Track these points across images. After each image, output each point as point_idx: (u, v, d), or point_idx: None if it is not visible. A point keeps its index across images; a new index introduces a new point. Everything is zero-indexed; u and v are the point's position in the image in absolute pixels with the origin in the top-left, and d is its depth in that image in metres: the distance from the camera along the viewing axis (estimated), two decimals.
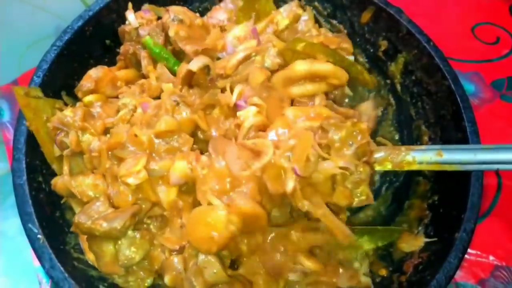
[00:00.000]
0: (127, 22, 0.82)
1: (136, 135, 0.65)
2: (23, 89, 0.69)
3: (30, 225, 0.64)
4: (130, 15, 0.81)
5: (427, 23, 0.85)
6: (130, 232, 0.64)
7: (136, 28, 0.81)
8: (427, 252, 0.71)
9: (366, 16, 0.87)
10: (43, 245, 0.63)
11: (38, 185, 0.68)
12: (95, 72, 0.76)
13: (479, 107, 1.05)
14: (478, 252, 0.89)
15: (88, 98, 0.74)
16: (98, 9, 0.81)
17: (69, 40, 0.77)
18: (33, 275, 0.83)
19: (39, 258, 0.62)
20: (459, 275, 0.86)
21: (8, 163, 0.98)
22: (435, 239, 0.71)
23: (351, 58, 0.81)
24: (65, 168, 0.69)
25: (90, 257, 0.67)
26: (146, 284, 0.68)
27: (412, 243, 0.72)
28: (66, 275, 0.61)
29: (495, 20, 1.16)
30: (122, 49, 0.83)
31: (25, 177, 0.66)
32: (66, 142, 0.68)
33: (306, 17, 0.86)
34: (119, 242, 0.64)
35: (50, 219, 0.67)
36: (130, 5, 0.82)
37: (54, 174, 0.72)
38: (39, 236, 0.63)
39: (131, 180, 0.63)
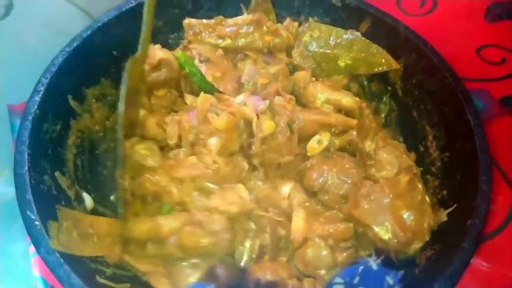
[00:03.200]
0: None
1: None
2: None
3: (28, 212, 0.62)
4: None
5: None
6: None
7: None
8: (440, 243, 0.67)
9: (364, 27, 0.90)
10: (40, 231, 0.61)
11: (38, 177, 0.67)
12: None
13: (489, 123, 1.03)
14: (493, 265, 0.84)
15: None
16: (106, 21, 0.85)
17: (77, 47, 0.80)
18: None
19: (36, 243, 0.60)
20: None
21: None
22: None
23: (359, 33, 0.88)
24: None
25: None
26: None
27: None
28: (62, 260, 0.59)
29: (499, 43, 1.18)
30: None
31: (26, 167, 0.66)
32: None
33: None
34: None
35: (49, 209, 0.66)
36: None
37: (54, 170, 0.72)
38: (36, 222, 0.61)
39: None
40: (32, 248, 0.83)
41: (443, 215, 0.70)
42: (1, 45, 1.07)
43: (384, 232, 0.67)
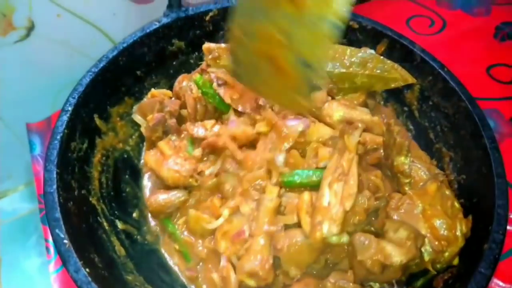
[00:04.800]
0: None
1: None
2: None
3: (57, 231, 0.65)
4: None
5: None
6: None
7: None
8: (456, 266, 0.69)
9: (380, 49, 0.92)
10: (69, 249, 0.63)
11: (66, 195, 0.70)
12: None
13: (500, 142, 1.03)
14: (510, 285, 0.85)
15: None
16: (131, 42, 0.87)
17: (104, 67, 0.83)
18: None
19: (64, 262, 0.63)
20: None
21: (32, 204, 1.00)
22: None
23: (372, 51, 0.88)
24: None
25: None
26: None
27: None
28: (90, 279, 0.61)
29: (509, 62, 1.19)
30: None
31: (55, 186, 0.69)
32: None
33: None
34: None
35: (76, 227, 0.68)
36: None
37: (82, 188, 0.74)
38: (65, 241, 0.64)
39: None
40: (52, 266, 0.86)
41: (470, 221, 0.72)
42: (21, 65, 1.10)
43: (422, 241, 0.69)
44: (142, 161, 0.91)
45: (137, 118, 0.88)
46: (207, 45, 0.87)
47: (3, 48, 1.05)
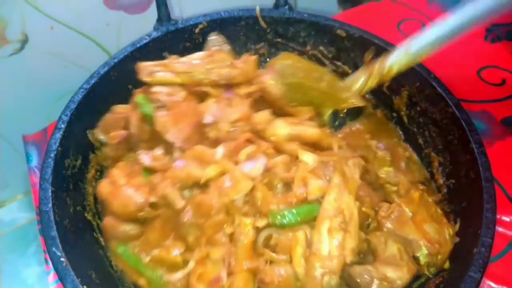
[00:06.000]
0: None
1: None
2: None
3: (54, 249, 0.65)
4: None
5: (432, 68, 0.89)
6: None
7: None
8: (447, 271, 0.70)
9: (368, 56, 0.93)
10: (66, 268, 0.64)
11: (62, 213, 0.71)
12: None
13: (491, 144, 1.05)
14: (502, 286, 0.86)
15: None
16: (122, 57, 0.88)
17: (95, 83, 0.84)
18: None
19: (62, 279, 0.63)
20: None
21: (30, 213, 1.01)
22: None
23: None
24: None
25: None
26: None
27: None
28: None
29: (499, 64, 1.20)
30: None
31: (50, 204, 0.69)
32: None
33: None
34: None
35: (73, 244, 0.69)
36: None
37: (77, 205, 0.75)
38: (62, 259, 0.65)
39: None
40: (51, 277, 0.86)
41: (457, 226, 0.74)
42: (16, 78, 1.12)
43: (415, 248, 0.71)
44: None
45: (99, 135, 0.83)
46: (140, 64, 0.84)
47: None
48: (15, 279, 0.92)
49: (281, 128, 0.78)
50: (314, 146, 0.80)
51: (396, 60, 0.77)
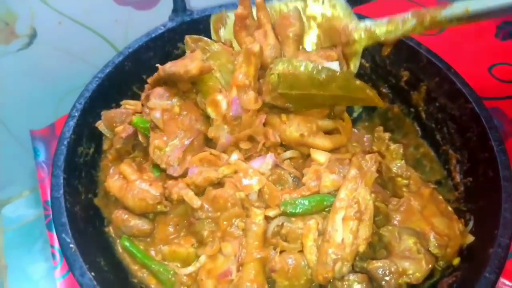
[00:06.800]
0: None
1: None
2: None
3: (63, 235, 0.66)
4: None
5: None
6: None
7: None
8: (461, 270, 0.68)
9: (386, 50, 0.91)
10: (75, 253, 0.64)
11: (73, 200, 0.71)
12: None
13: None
14: None
15: None
16: (137, 47, 0.88)
17: (110, 72, 0.84)
18: None
19: (70, 266, 0.64)
20: None
21: (37, 210, 1.01)
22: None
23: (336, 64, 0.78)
24: None
25: None
26: None
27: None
28: (95, 283, 0.62)
29: (510, 61, 1.18)
30: None
31: (62, 191, 0.70)
32: None
33: None
34: None
35: (83, 232, 0.69)
36: None
37: (88, 192, 0.75)
38: (71, 245, 0.65)
39: None
40: (57, 272, 0.88)
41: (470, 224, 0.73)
42: (24, 73, 1.12)
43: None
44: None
45: (101, 127, 0.82)
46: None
47: (6, 56, 1.06)
48: (22, 275, 0.92)
49: (294, 132, 0.78)
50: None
51: (451, 14, 0.67)
